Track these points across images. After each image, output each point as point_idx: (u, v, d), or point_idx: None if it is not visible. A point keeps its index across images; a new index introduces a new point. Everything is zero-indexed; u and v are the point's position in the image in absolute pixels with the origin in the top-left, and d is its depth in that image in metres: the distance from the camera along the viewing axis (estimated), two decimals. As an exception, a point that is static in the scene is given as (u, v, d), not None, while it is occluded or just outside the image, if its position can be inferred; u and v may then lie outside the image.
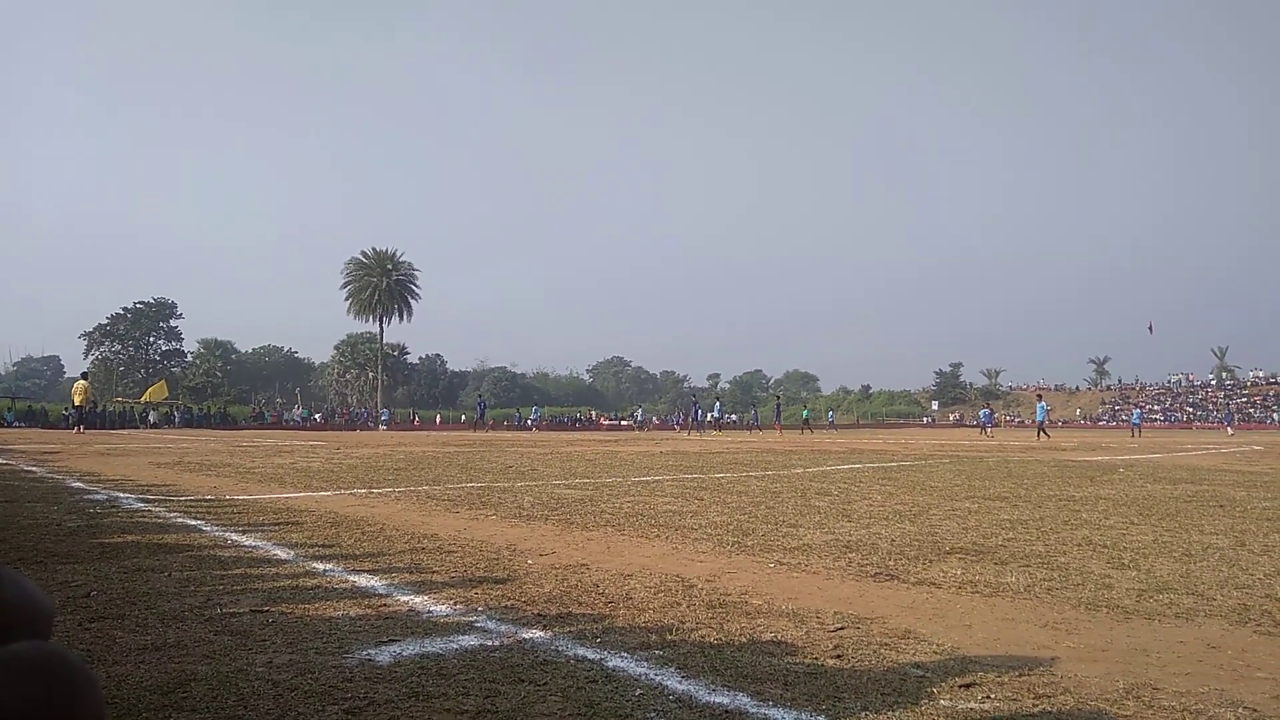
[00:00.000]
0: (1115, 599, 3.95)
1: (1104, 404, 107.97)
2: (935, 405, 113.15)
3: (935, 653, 3.06)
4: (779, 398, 69.28)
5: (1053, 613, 3.69)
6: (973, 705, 2.50)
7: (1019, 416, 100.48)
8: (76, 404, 30.62)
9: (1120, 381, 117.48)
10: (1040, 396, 44.83)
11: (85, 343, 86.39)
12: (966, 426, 68.16)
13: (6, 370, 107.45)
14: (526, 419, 62.19)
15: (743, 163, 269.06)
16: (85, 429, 30.91)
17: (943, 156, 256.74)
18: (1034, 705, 2.51)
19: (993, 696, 2.58)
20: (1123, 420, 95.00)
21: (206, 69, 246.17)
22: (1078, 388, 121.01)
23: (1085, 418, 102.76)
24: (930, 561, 4.89)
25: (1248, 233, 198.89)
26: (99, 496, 7.99)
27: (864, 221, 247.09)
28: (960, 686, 2.67)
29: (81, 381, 31.34)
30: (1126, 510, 7.52)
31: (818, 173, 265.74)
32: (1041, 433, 37.42)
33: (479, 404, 60.49)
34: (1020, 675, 2.79)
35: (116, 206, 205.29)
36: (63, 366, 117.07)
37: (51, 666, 0.22)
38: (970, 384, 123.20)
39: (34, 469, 11.62)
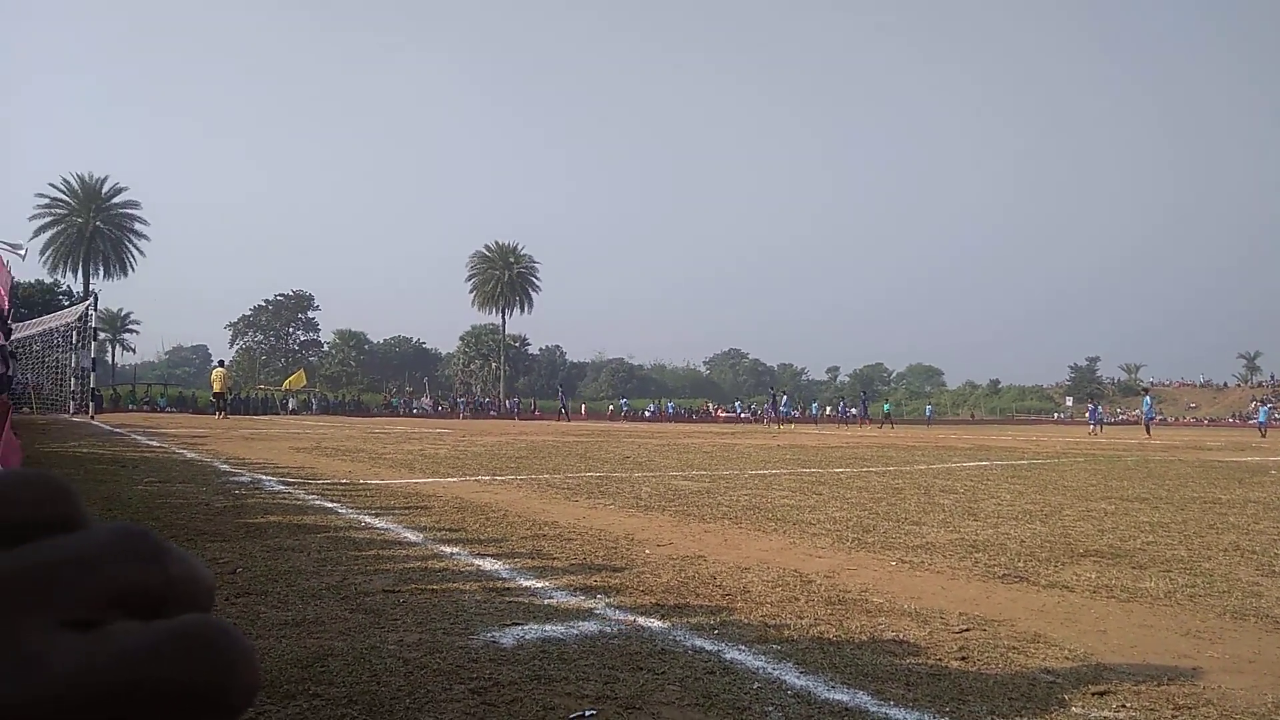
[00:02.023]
0: (1265, 608, 3.72)
1: (1254, 401, 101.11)
2: (1069, 401, 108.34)
3: (1067, 658, 2.94)
4: (864, 392, 67.48)
5: (1195, 620, 3.50)
6: (1107, 714, 2.40)
7: (1125, 411, 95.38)
8: (217, 390, 32.18)
9: (1273, 378, 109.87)
10: (1147, 391, 42.22)
11: (230, 332, 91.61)
12: (1076, 424, 64.32)
13: (159, 359, 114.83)
14: (644, 410, 62.63)
15: (862, 141, 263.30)
16: (228, 415, 32.54)
17: (1096, 140, 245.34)
18: (1174, 716, 2.39)
19: (1128, 706, 2.47)
20: (1276, 419, 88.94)
21: (339, 64, 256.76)
22: (1225, 384, 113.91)
23: (1235, 415, 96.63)
24: (1062, 564, 4.70)
25: None
26: (244, 479, 8.46)
27: (996, 208, 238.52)
28: (1094, 694, 2.56)
29: (220, 369, 32.90)
30: (1278, 515, 7.05)
31: (948, 155, 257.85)
32: (1147, 430, 35.14)
33: (560, 394, 61.20)
34: (1159, 685, 2.66)
35: (259, 203, 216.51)
36: (210, 355, 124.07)
37: (216, 638, 0.24)
38: (1107, 379, 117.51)
39: (185, 452, 12.39)
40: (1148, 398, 37.75)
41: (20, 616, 0.23)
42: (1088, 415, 43.90)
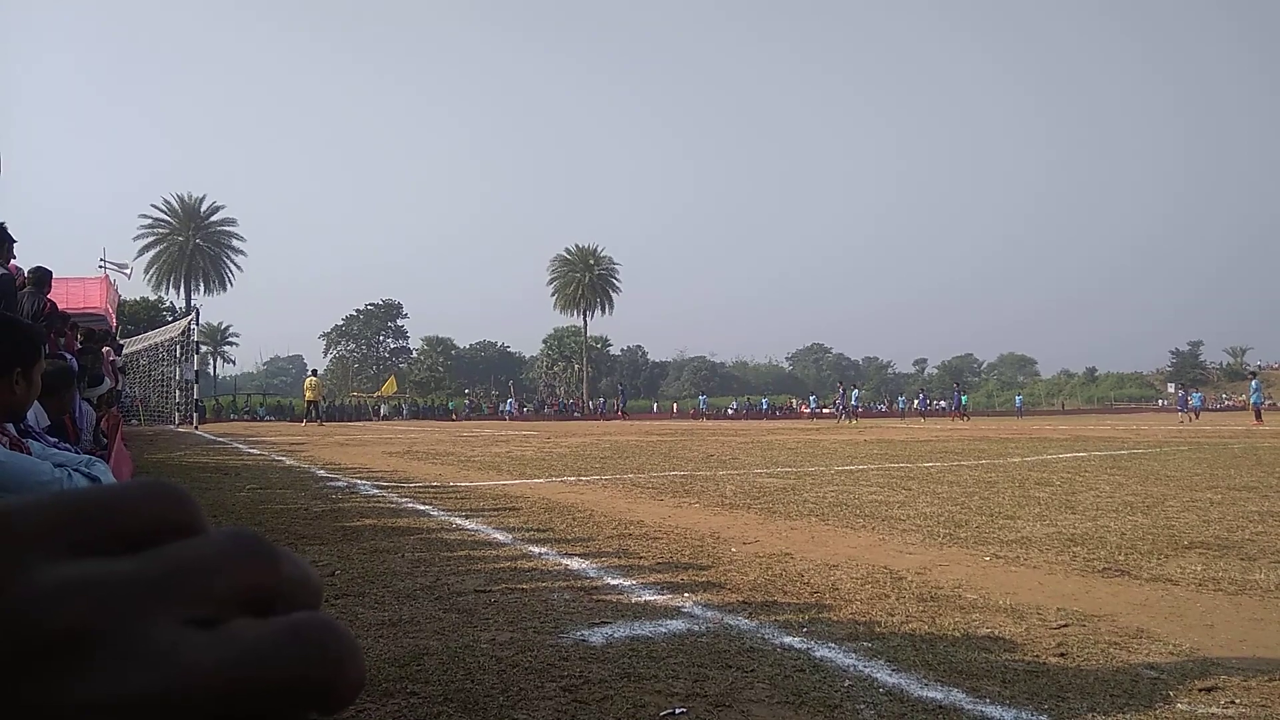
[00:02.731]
0: (1390, 602, 3.52)
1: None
2: (1171, 388, 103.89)
3: (1171, 654, 2.84)
4: (957, 385, 65.71)
5: (1312, 615, 3.34)
6: (1215, 710, 2.31)
7: (1231, 397, 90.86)
8: (309, 399, 32.73)
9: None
10: (1255, 375, 39.95)
11: (324, 342, 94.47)
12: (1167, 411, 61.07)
13: (258, 369, 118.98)
14: (726, 408, 62.37)
15: (945, 128, 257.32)
16: (323, 422, 33.26)
17: (1160, 118, 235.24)
18: (1289, 715, 2.29)
19: (1237, 702, 2.37)
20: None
21: (423, 74, 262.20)
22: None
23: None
24: (1166, 556, 4.53)
25: None
26: (340, 484, 8.72)
27: (1083, 186, 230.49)
28: (1200, 690, 2.47)
29: (312, 378, 33.45)
30: (1405, 503, 6.65)
31: (1035, 132, 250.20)
32: (1258, 416, 33.14)
33: (620, 392, 61.59)
34: (1270, 680, 2.54)
35: (348, 214, 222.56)
36: (306, 365, 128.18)
37: (327, 634, 0.26)
38: (1212, 363, 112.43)
39: (283, 459, 12.82)
40: (1255, 381, 35.82)
41: (151, 616, 0.25)
42: (1177, 403, 41.95)
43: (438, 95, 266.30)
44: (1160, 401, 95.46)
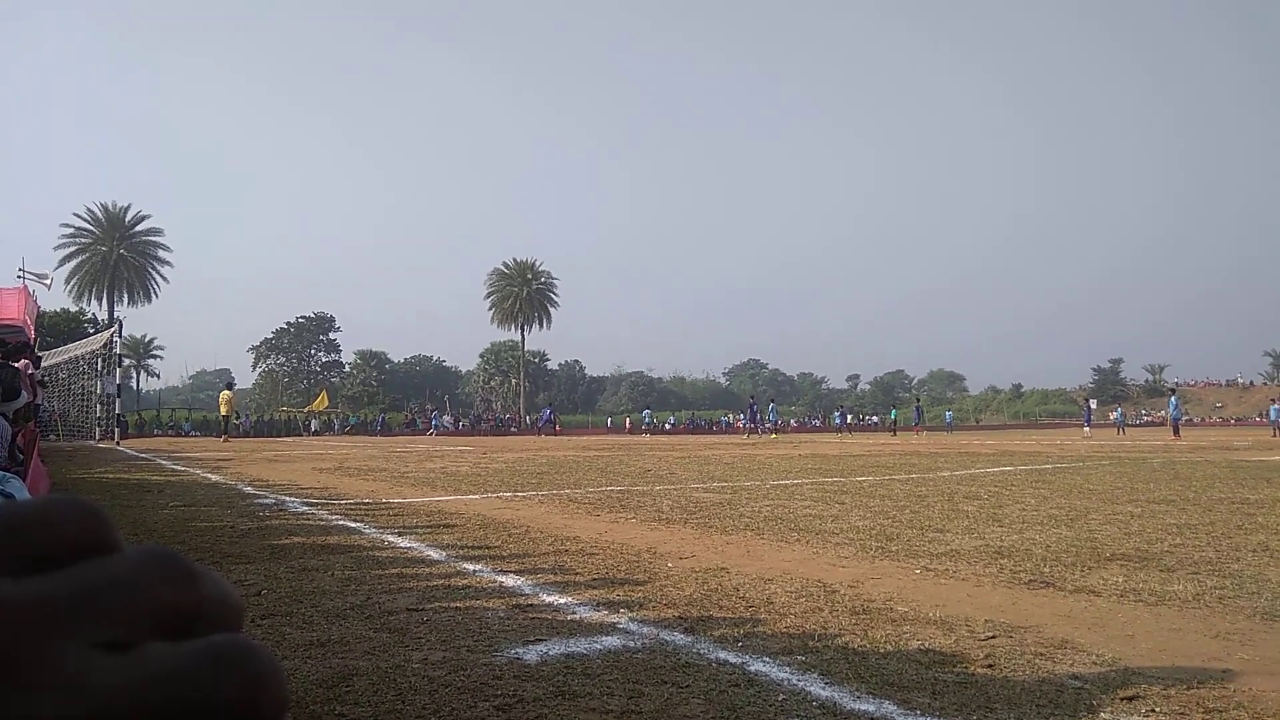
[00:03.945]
0: (1298, 610, 3.66)
1: (1272, 400, 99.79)
2: (1094, 404, 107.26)
3: (1095, 664, 2.91)
4: (919, 399, 67.23)
5: (1225, 623, 3.46)
6: (1136, 719, 2.38)
7: (1150, 412, 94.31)
8: (223, 414, 31.56)
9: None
10: (1173, 391, 41.60)
11: (253, 356, 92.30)
12: (1101, 426, 63.32)
13: (183, 383, 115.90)
14: (664, 423, 62.63)
15: (874, 153, 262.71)
16: (230, 438, 31.88)
17: (1111, 136, 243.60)
18: (1205, 722, 2.36)
19: (1158, 710, 2.44)
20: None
21: (348, 88, 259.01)
22: (1251, 382, 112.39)
23: (1261, 414, 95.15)
24: (1089, 568, 4.65)
25: None
26: (268, 501, 8.51)
27: (1013, 207, 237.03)
28: (1123, 699, 2.54)
29: (227, 392, 32.18)
30: (1311, 514, 6.95)
31: (962, 161, 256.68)
32: (1175, 431, 34.50)
33: (546, 411, 61.91)
34: (1189, 689, 2.62)
35: (279, 226, 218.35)
36: (234, 379, 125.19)
37: (247, 657, 0.25)
38: (1132, 380, 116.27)
39: (209, 476, 12.48)
40: (1174, 398, 37.20)
41: (59, 639, 0.24)
42: (1083, 418, 43.35)
43: (374, 108, 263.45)
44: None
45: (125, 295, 66.38)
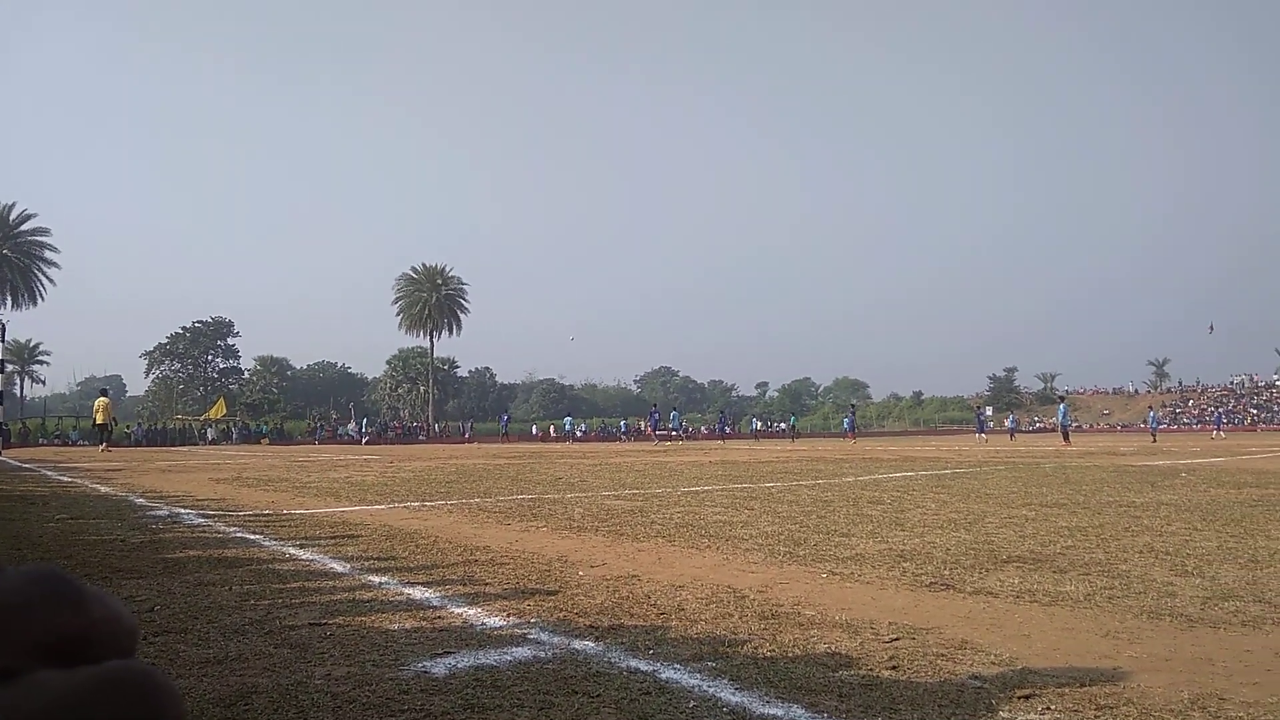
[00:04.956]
0: (1179, 607, 3.85)
1: (1165, 407, 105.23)
2: (989, 411, 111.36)
3: (993, 664, 3.01)
4: (854, 406, 68.79)
5: (1114, 622, 3.61)
6: (1033, 717, 2.46)
7: (1041, 419, 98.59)
8: (99, 422, 29.78)
9: (1181, 384, 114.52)
10: (1063, 399, 43.49)
11: (146, 362, 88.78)
12: (995, 433, 66.26)
13: (71, 390, 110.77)
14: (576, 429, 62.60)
15: (787, 168, 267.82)
16: (110, 447, 30.51)
17: (988, 153, 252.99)
18: (1096, 717, 2.45)
19: (1053, 708, 2.53)
20: (1183, 423, 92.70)
21: (260, 88, 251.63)
22: (1137, 391, 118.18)
23: (1144, 421, 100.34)
24: (987, 570, 4.81)
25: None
26: (161, 513, 8.18)
27: (915, 222, 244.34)
28: (1020, 698, 2.62)
29: (103, 399, 30.33)
30: (1189, 516, 7.33)
31: (863, 175, 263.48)
32: (1065, 437, 36.03)
33: (504, 417, 61.65)
34: (1081, 686, 2.73)
35: (175, 228, 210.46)
36: (125, 386, 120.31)
37: (140, 683, 0.23)
38: (1025, 388, 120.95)
39: (99, 487, 11.93)
40: (1063, 405, 38.73)
41: None
42: (975, 424, 45.01)
43: (277, 109, 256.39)
44: (988, 425, 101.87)
45: (8, 297, 63.12)
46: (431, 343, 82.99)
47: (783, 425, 78.63)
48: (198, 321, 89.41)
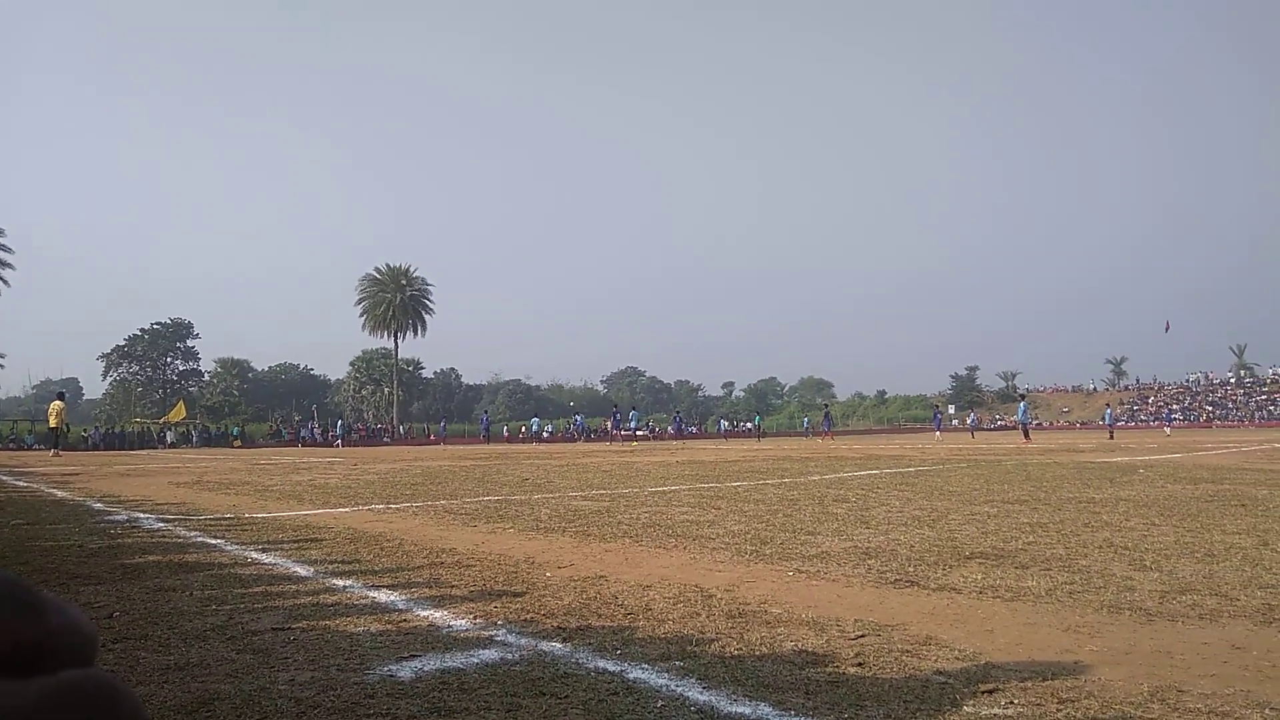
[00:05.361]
0: (1138, 601, 3.92)
1: (1122, 404, 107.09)
2: (952, 409, 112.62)
3: (957, 659, 3.04)
4: (827, 406, 69.27)
5: (1075, 616, 3.67)
6: (996, 711, 2.49)
7: (1003, 417, 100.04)
8: (52, 425, 29.24)
9: (1138, 381, 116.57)
10: (1023, 397, 44.13)
11: (103, 364, 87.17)
12: (959, 430, 67.35)
13: (26, 393, 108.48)
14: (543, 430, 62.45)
15: (752, 169, 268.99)
16: (60, 451, 30.01)
17: (951, 157, 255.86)
18: (1058, 710, 2.49)
19: (1016, 702, 2.56)
20: (1140, 420, 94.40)
21: (215, 89, 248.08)
22: (1095, 388, 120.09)
23: (1102, 419, 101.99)
24: (950, 567, 4.86)
25: (1264, 228, 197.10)
26: (119, 517, 8.03)
27: (878, 225, 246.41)
28: (983, 693, 2.65)
29: (57, 403, 29.58)
30: (1147, 511, 7.46)
31: (827, 176, 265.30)
32: (1025, 434, 36.55)
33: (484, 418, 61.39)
34: (1044, 680, 2.77)
35: (133, 229, 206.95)
36: (81, 389, 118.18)
37: (101, 694, 0.23)
38: (987, 386, 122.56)
39: (55, 491, 11.70)
40: (1023, 403, 39.28)
41: None
42: (933, 422, 45.52)
43: (237, 107, 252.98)
44: (951, 422, 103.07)
45: (-41, 299, 61.74)
46: (396, 344, 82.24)
47: (749, 425, 78.97)
48: (156, 323, 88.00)
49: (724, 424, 77.91)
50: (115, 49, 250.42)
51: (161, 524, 7.44)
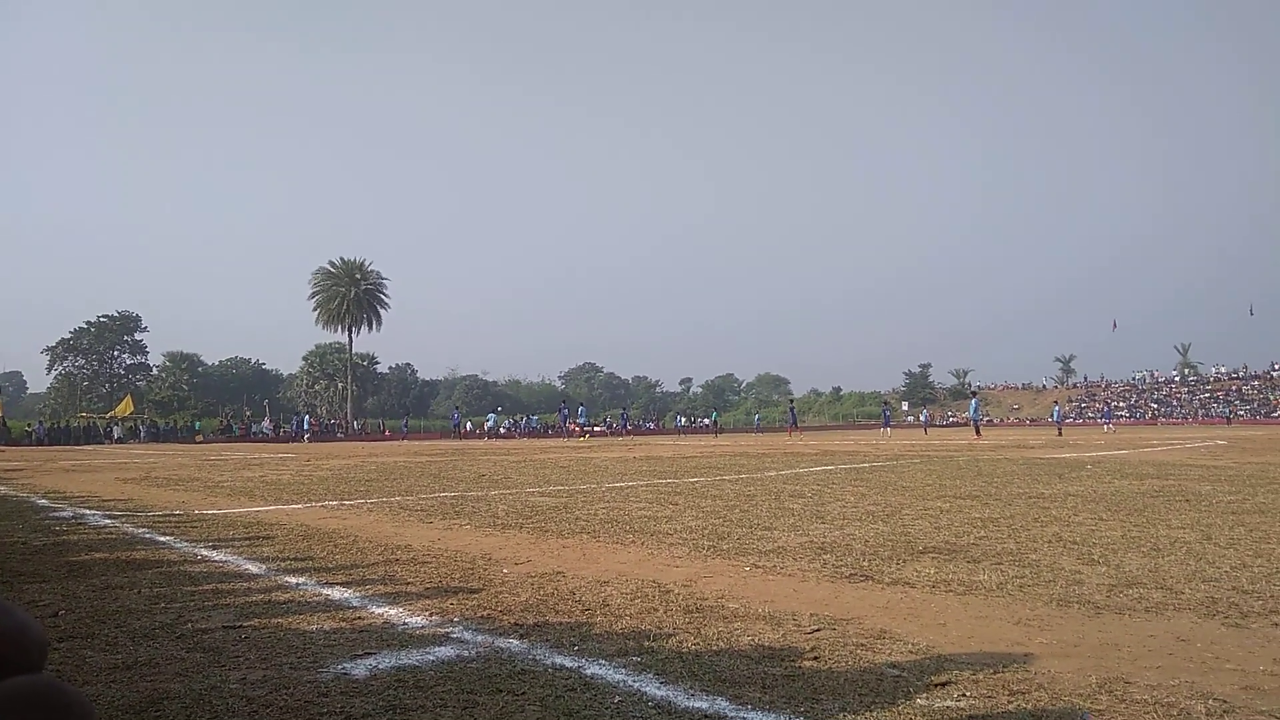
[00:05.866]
0: (1086, 594, 4.00)
1: (1071, 401, 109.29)
2: (905, 406, 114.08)
3: (911, 652, 3.08)
4: (793, 401, 69.79)
5: (1025, 610, 3.73)
6: (949, 704, 2.53)
7: (955, 414, 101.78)
8: None
9: (1086, 379, 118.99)
10: (975, 394, 44.86)
11: (48, 358, 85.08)
12: (912, 427, 68.50)
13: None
14: (500, 426, 62.18)
15: (709, 166, 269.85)
16: (1, 447, 29.54)
17: (909, 159, 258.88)
18: (1009, 702, 2.53)
19: (968, 694, 2.60)
20: (1088, 418, 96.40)
21: (169, 83, 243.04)
22: (1044, 386, 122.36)
23: (1050, 416, 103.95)
24: (904, 561, 4.93)
25: (1209, 232, 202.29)
26: (65, 514, 7.86)
27: (834, 223, 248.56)
28: (936, 685, 2.69)
29: None
30: (1095, 506, 7.62)
31: (788, 174, 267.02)
32: (977, 431, 37.17)
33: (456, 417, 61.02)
34: (995, 672, 2.81)
35: (80, 218, 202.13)
36: (25, 383, 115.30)
37: (49, 700, 0.22)
38: (939, 383, 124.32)
39: (-4, 487, 11.40)
40: (975, 400, 39.94)
41: None
42: (882, 420, 46.06)
43: (190, 92, 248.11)
44: (906, 419, 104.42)
45: (-106, 290, 59.88)
46: (350, 338, 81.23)
47: (706, 421, 79.34)
48: (103, 316, 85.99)
49: (681, 420, 78.24)
50: (61, 40, 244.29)
51: (108, 520, 7.29)
